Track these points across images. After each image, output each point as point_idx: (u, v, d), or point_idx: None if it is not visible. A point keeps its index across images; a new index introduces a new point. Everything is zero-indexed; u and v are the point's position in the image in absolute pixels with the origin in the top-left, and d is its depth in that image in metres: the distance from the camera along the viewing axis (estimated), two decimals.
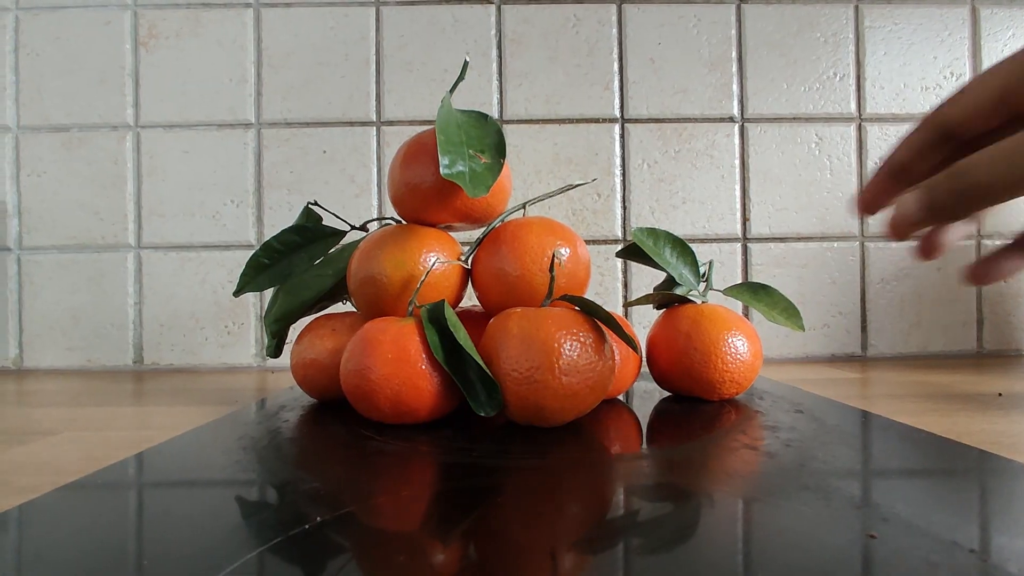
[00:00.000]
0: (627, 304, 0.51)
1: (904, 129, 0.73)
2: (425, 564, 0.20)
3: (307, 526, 0.23)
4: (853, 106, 0.73)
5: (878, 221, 0.72)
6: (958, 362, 0.69)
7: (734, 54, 0.73)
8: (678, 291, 0.49)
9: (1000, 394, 0.49)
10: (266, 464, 0.31)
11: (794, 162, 0.73)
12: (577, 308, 0.39)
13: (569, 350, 0.35)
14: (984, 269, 0.29)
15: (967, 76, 0.73)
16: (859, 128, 0.73)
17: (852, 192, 0.73)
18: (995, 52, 0.73)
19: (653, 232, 0.48)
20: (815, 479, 0.27)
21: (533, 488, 0.27)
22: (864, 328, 0.73)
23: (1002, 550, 0.20)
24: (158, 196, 0.73)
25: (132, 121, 0.73)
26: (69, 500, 0.26)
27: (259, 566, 0.20)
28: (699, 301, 0.48)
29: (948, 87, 0.73)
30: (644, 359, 0.51)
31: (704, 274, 0.50)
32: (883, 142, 0.73)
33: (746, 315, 0.73)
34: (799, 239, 0.73)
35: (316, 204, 0.51)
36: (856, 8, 0.74)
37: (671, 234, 0.49)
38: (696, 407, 0.44)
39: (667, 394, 0.49)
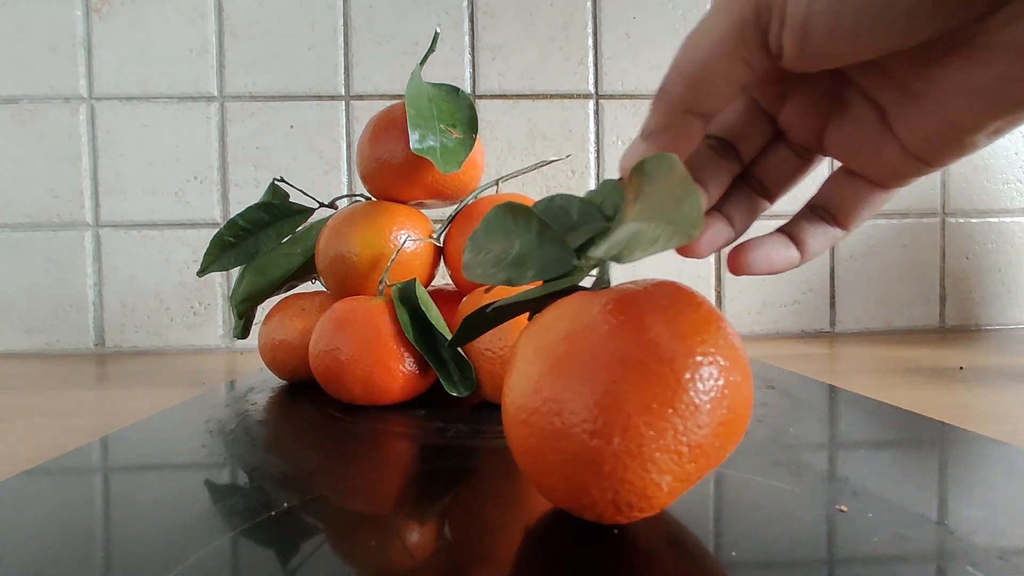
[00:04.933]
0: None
1: None
2: (399, 547, 0.19)
3: (276, 511, 0.22)
4: None
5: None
6: (921, 337, 0.71)
7: None
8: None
9: (961, 368, 0.50)
10: (235, 448, 0.30)
11: None
12: None
13: None
14: (746, 257, 0.23)
15: None
16: None
17: (823, 170, 0.74)
18: None
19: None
20: (787, 454, 0.27)
21: (507, 469, 0.27)
22: (832, 304, 0.75)
23: (968, 522, 0.20)
24: (116, 172, 0.70)
25: (86, 93, 0.69)
26: (30, 486, 0.25)
27: (228, 552, 0.19)
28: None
29: None
30: None
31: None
32: None
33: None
34: (771, 217, 0.74)
35: (283, 180, 0.50)
36: None
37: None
38: None
39: None
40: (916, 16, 0.16)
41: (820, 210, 0.23)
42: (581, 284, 0.22)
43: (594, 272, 0.22)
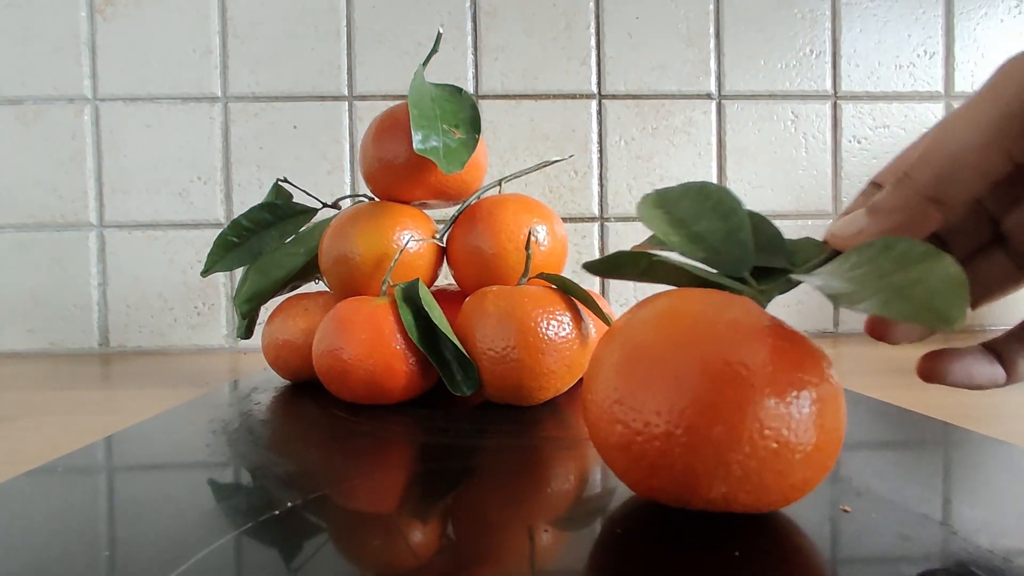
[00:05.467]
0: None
1: (879, 108, 0.74)
2: (402, 546, 0.19)
3: (280, 510, 0.22)
4: (829, 83, 0.74)
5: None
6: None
7: (712, 30, 0.73)
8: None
9: None
10: (238, 447, 0.30)
11: (770, 139, 0.73)
12: (554, 286, 0.39)
13: (546, 328, 0.35)
14: (943, 366, 0.21)
15: (941, 55, 0.74)
16: (834, 106, 0.74)
17: (827, 170, 0.74)
18: (967, 31, 0.73)
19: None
20: None
21: (511, 468, 0.27)
22: (836, 304, 0.74)
23: (971, 522, 0.20)
24: (120, 173, 0.70)
25: (90, 94, 0.70)
26: (35, 485, 0.25)
27: (232, 551, 0.19)
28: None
29: (922, 65, 0.74)
30: None
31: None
32: (857, 120, 0.74)
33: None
34: (775, 216, 0.74)
35: (286, 181, 0.50)
36: None
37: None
38: None
39: None
40: None
41: None
42: None
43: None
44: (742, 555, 0.18)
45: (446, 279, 0.49)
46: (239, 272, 0.69)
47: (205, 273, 0.46)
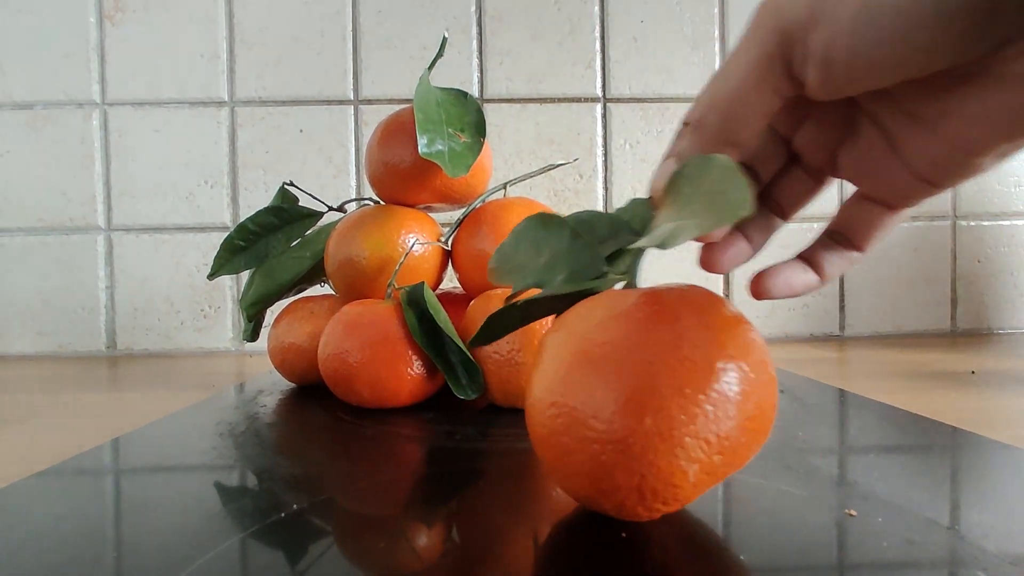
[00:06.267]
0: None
1: None
2: (407, 549, 0.20)
3: (285, 513, 0.22)
4: None
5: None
6: (932, 341, 0.70)
7: (716, 32, 0.73)
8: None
9: (973, 372, 0.50)
10: (244, 450, 0.31)
11: None
12: None
13: None
14: (767, 282, 0.23)
15: None
16: None
17: None
18: None
19: None
20: (796, 458, 0.27)
21: (515, 471, 0.27)
22: (842, 308, 0.74)
23: (979, 527, 0.20)
24: (128, 176, 0.71)
25: (99, 98, 0.70)
26: (43, 487, 0.25)
27: (238, 553, 0.19)
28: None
29: None
30: None
31: None
32: None
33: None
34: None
35: (292, 184, 0.50)
36: None
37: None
38: None
39: None
40: (932, 50, 0.16)
41: (837, 235, 0.24)
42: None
43: (620, 282, 0.23)
44: (747, 560, 0.18)
45: (451, 282, 0.49)
46: (245, 275, 0.69)
47: (212, 276, 0.47)
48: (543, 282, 0.24)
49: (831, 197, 0.25)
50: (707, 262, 0.23)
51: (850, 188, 0.24)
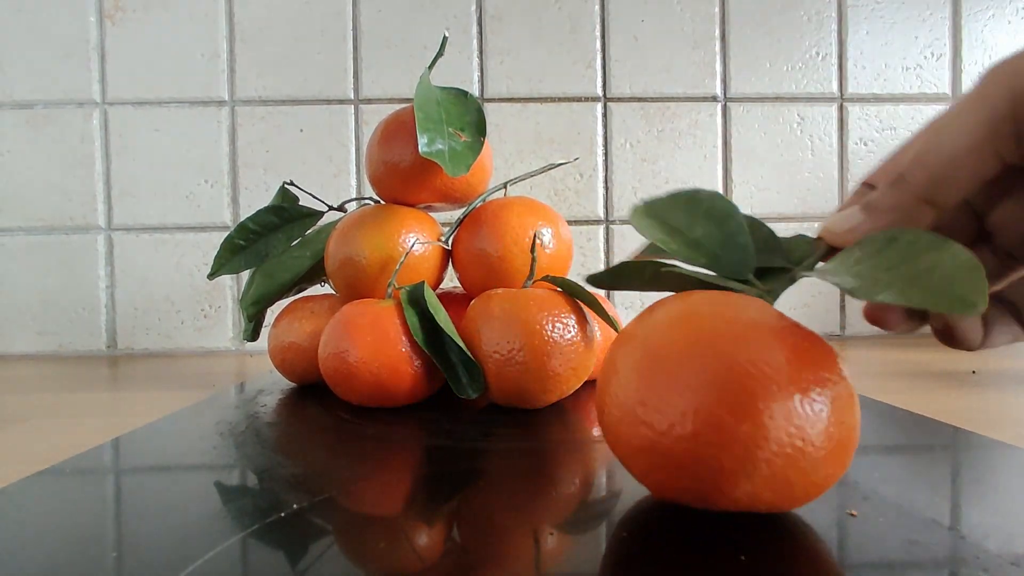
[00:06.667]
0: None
1: (886, 111, 0.74)
2: (407, 549, 0.20)
3: (286, 512, 0.22)
4: (835, 86, 0.73)
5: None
6: (933, 340, 0.70)
7: (717, 32, 0.73)
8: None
9: (974, 372, 0.50)
10: (244, 449, 0.30)
11: (776, 142, 0.73)
12: (559, 289, 0.39)
13: (551, 331, 0.35)
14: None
15: (948, 56, 0.74)
16: (840, 108, 0.73)
17: (834, 172, 0.74)
18: (975, 32, 0.73)
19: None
20: None
21: (516, 471, 0.27)
22: (843, 307, 0.74)
23: (980, 527, 0.20)
24: (129, 176, 0.71)
25: (99, 98, 0.70)
26: (43, 487, 0.25)
27: (238, 552, 0.19)
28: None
29: (929, 67, 0.73)
30: None
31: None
32: (864, 122, 0.74)
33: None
34: (780, 219, 0.74)
35: (292, 184, 0.50)
36: None
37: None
38: None
39: None
40: None
41: (1009, 304, 0.22)
42: None
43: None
44: (748, 559, 0.18)
45: (451, 282, 0.49)
46: (245, 275, 0.69)
47: (212, 276, 0.47)
48: (681, 252, 0.23)
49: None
50: (875, 320, 0.23)
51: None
